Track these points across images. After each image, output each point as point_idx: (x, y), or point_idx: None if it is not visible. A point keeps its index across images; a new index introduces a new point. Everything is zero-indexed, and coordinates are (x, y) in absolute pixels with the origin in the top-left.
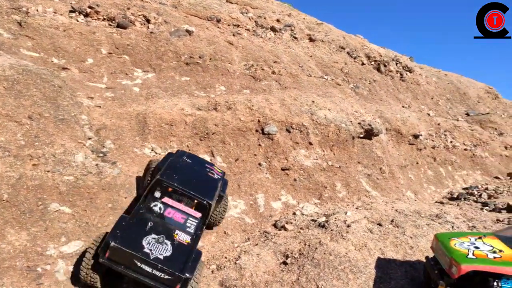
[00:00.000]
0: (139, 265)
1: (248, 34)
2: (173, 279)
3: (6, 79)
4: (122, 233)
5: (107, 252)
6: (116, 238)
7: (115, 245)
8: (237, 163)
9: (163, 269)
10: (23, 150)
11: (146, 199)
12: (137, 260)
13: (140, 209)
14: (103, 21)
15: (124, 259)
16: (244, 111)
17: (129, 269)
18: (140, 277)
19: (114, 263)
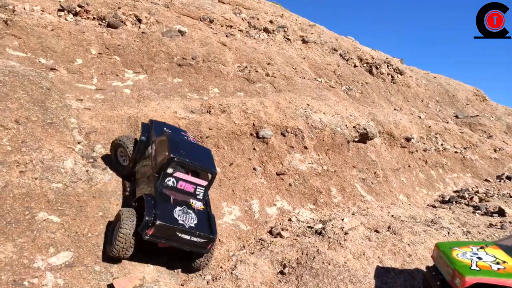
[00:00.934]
0: (180, 235)
1: (241, 35)
2: (206, 241)
3: None
4: (157, 211)
5: (152, 230)
6: (158, 217)
7: (160, 223)
8: (232, 167)
9: (199, 235)
10: (9, 156)
11: (161, 176)
12: (178, 231)
13: (159, 187)
14: (93, 20)
15: (167, 233)
16: (239, 115)
17: (170, 240)
18: (179, 245)
19: (157, 237)
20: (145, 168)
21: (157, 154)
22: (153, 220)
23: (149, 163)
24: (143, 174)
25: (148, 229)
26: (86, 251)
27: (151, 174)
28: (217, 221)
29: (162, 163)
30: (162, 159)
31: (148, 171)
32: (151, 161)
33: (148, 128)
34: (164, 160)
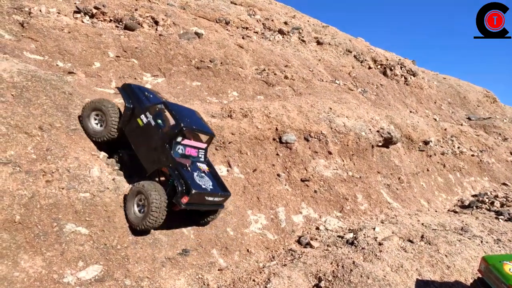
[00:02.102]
0: (207, 198)
1: (257, 37)
2: (224, 199)
3: (14, 86)
4: (188, 180)
5: (187, 198)
6: (191, 186)
7: (196, 191)
8: (255, 174)
9: (220, 195)
10: (35, 165)
11: (172, 146)
12: (206, 195)
13: (175, 157)
14: (110, 22)
15: (198, 199)
16: (261, 119)
17: (200, 204)
18: (205, 207)
19: (191, 204)
20: (147, 136)
21: (160, 120)
22: (188, 189)
23: (152, 132)
24: (147, 143)
25: (183, 198)
26: (116, 264)
27: (160, 145)
28: (244, 230)
29: (173, 133)
30: (171, 129)
31: (153, 140)
32: (154, 130)
33: (127, 93)
34: (174, 130)
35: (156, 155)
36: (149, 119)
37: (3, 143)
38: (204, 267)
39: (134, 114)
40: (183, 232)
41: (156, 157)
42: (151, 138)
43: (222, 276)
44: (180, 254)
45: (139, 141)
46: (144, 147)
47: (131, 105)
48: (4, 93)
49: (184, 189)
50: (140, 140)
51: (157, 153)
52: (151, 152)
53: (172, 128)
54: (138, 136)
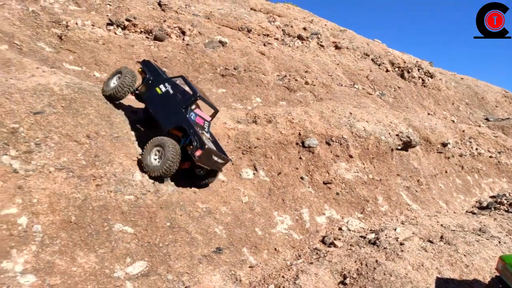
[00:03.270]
0: (213, 158)
1: (278, 44)
2: (225, 162)
3: (64, 98)
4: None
5: (200, 151)
6: (205, 142)
7: (208, 147)
8: (280, 177)
9: (223, 157)
10: (86, 170)
11: (187, 111)
12: (213, 154)
13: (190, 119)
14: (141, 33)
15: (208, 155)
16: (285, 124)
17: (208, 161)
18: (210, 166)
19: (201, 158)
20: (165, 102)
21: (178, 90)
22: (202, 144)
23: (169, 99)
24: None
25: (197, 151)
26: (159, 261)
27: (177, 109)
28: (271, 230)
29: (189, 99)
30: (188, 96)
31: (171, 105)
32: (172, 98)
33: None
34: (191, 97)
35: (174, 117)
36: (167, 89)
37: (56, 150)
38: (236, 264)
39: (152, 84)
40: (216, 232)
41: (174, 118)
42: (169, 103)
43: (253, 272)
44: (214, 252)
45: (158, 106)
46: (162, 111)
47: (151, 78)
48: (55, 105)
49: (198, 144)
50: (158, 105)
51: (174, 115)
52: (169, 115)
53: (189, 96)
54: (157, 102)
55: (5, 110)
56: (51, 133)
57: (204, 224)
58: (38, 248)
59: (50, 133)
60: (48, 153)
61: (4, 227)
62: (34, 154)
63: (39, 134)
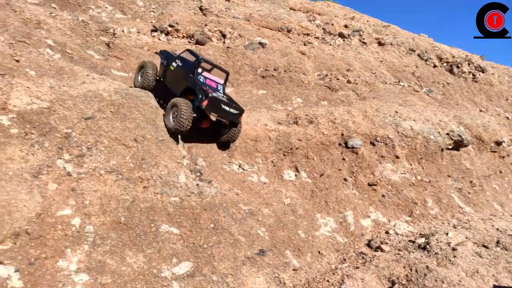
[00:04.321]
0: (223, 106)
1: (318, 43)
2: (239, 113)
3: (112, 104)
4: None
5: (206, 101)
6: (209, 92)
7: (212, 95)
8: (322, 178)
9: (235, 107)
10: (133, 173)
11: (194, 74)
12: (222, 103)
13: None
14: (183, 38)
15: (215, 104)
16: (327, 125)
17: (217, 110)
18: (222, 115)
19: (209, 108)
20: (177, 74)
21: (186, 62)
22: (206, 94)
23: (180, 70)
24: (177, 78)
25: (203, 101)
26: (204, 261)
27: (185, 75)
28: (314, 232)
29: (194, 64)
30: (193, 62)
31: (181, 74)
32: (181, 68)
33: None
34: (195, 62)
35: (183, 82)
36: (178, 63)
37: (106, 154)
38: (280, 267)
39: (167, 65)
40: (258, 234)
41: (183, 83)
42: (179, 73)
43: (297, 276)
44: (257, 254)
45: (171, 78)
46: (174, 80)
47: (165, 61)
48: (105, 110)
49: (203, 95)
50: (172, 78)
51: (183, 80)
52: (179, 81)
53: (193, 61)
54: (171, 76)
55: (59, 116)
56: (101, 137)
57: (247, 225)
58: (90, 248)
59: (100, 137)
60: (98, 156)
61: (60, 227)
62: (85, 158)
63: (90, 138)
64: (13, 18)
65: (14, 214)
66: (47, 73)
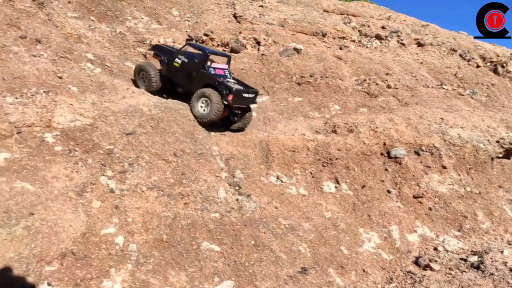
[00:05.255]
0: (244, 95)
1: (355, 46)
2: (255, 95)
3: (152, 118)
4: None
5: (231, 96)
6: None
7: (236, 89)
8: (364, 190)
9: (251, 91)
10: (174, 189)
11: (205, 68)
12: (243, 92)
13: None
14: (218, 47)
15: (238, 96)
16: (368, 134)
17: (240, 100)
18: (244, 103)
19: (234, 100)
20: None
21: (193, 57)
22: (229, 89)
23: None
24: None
25: (228, 96)
26: (245, 280)
27: (197, 71)
28: (357, 248)
29: (203, 59)
30: (201, 57)
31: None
32: (189, 65)
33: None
34: (203, 57)
35: (198, 79)
36: (182, 59)
37: (147, 169)
38: (323, 286)
39: (169, 61)
40: (300, 250)
41: (198, 80)
42: (189, 70)
43: None
44: (299, 272)
45: (181, 76)
46: (186, 79)
47: (166, 57)
48: (145, 125)
49: (227, 90)
50: (181, 76)
51: (198, 77)
52: (193, 79)
53: (201, 57)
54: (179, 74)
55: (101, 132)
56: (142, 153)
57: (288, 241)
58: (133, 267)
59: (141, 152)
60: (140, 172)
61: (104, 246)
62: (127, 174)
63: (131, 154)
64: (55, 34)
65: (60, 235)
66: (89, 88)
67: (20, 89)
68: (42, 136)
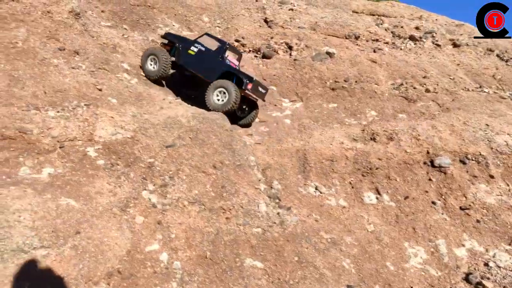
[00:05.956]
0: (258, 88)
1: (389, 48)
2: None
3: (191, 130)
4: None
5: (250, 84)
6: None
7: (255, 79)
8: (407, 201)
9: (264, 87)
10: (215, 203)
11: (223, 58)
12: (258, 85)
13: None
14: (249, 53)
15: (255, 87)
16: (410, 142)
17: (255, 92)
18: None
19: (251, 90)
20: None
21: (210, 47)
22: (250, 78)
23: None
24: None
25: (248, 85)
26: None
27: (215, 60)
28: (404, 264)
29: (222, 49)
30: (219, 47)
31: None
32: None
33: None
34: (223, 47)
35: (216, 68)
36: (199, 47)
37: (188, 183)
38: None
39: (184, 49)
40: (344, 266)
41: (217, 68)
42: (206, 58)
43: None
44: None
45: (197, 64)
46: (203, 67)
47: (181, 44)
48: (184, 137)
49: (247, 79)
50: (197, 64)
51: (216, 66)
52: (211, 67)
53: (220, 47)
54: (194, 62)
55: (142, 145)
56: (182, 166)
57: (331, 257)
58: (178, 286)
59: (181, 165)
60: (181, 186)
61: (149, 264)
62: (168, 188)
63: (171, 167)
64: (91, 44)
65: (106, 253)
66: (128, 100)
67: (62, 103)
68: (84, 150)
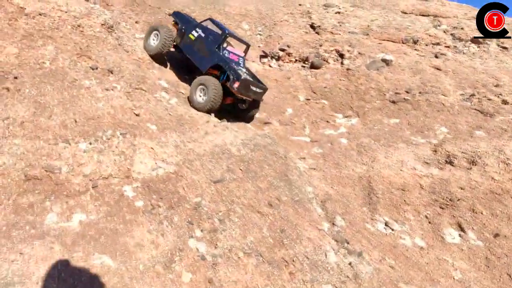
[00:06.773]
0: (251, 87)
1: (451, 53)
2: (263, 92)
3: (242, 160)
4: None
5: (238, 83)
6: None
7: (245, 77)
8: (498, 240)
9: (261, 86)
10: (275, 252)
11: (220, 49)
12: (251, 84)
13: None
14: (295, 62)
15: (245, 86)
16: (497, 167)
17: (247, 91)
18: (251, 95)
19: (240, 89)
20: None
21: (209, 33)
22: (238, 76)
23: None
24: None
25: (235, 83)
26: None
27: (210, 49)
28: None
29: (220, 38)
30: (218, 36)
31: (205, 48)
32: (204, 41)
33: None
34: (221, 36)
35: (209, 58)
36: (199, 33)
37: (241, 226)
38: None
39: (185, 32)
40: None
41: (209, 59)
42: (203, 46)
43: None
44: None
45: (193, 50)
46: (198, 54)
47: (183, 26)
48: (234, 169)
49: (235, 76)
50: (193, 49)
51: (209, 56)
52: (204, 56)
53: (219, 35)
54: (192, 48)
55: (187, 182)
56: (234, 205)
57: None
58: None
59: (232, 204)
60: (233, 230)
61: None
62: (219, 233)
63: (221, 206)
64: (126, 60)
65: None
66: (168, 125)
67: (95, 132)
68: (120, 189)
